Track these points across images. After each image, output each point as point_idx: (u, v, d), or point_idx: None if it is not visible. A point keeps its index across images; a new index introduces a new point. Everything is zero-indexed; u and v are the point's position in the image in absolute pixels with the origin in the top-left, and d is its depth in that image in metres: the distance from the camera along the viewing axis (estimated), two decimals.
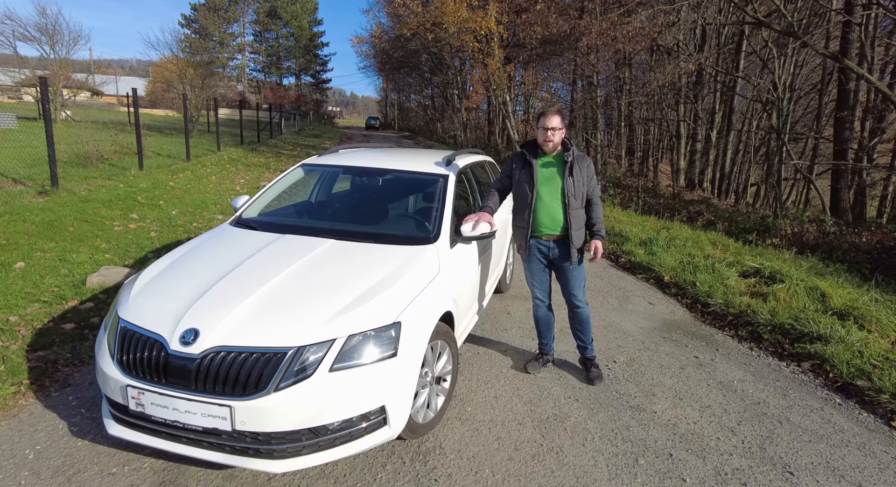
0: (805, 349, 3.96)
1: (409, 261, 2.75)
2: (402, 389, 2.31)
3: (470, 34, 15.05)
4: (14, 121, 19.27)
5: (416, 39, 20.79)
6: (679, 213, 12.39)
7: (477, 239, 3.24)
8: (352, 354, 2.19)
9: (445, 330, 2.77)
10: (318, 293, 2.38)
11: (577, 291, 3.47)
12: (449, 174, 3.55)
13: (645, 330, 4.45)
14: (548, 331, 3.63)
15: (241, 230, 3.15)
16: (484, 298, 4.00)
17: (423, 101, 41.84)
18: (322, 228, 3.16)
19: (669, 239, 7.17)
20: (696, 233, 8.62)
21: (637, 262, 6.33)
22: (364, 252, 2.84)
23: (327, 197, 3.97)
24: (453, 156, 3.92)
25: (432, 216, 3.22)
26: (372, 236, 3.05)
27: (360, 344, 2.21)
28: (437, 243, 3.00)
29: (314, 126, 38.80)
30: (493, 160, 5.38)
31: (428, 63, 29.36)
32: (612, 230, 8.03)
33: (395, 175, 3.70)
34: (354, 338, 2.21)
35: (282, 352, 2.09)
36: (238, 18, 53.61)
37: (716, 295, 5.03)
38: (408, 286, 2.54)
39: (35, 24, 22.09)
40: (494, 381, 3.37)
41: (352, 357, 2.18)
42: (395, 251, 2.87)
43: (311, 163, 3.88)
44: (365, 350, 2.22)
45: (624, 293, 5.43)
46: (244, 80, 54.89)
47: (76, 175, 9.47)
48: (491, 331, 4.21)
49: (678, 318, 4.78)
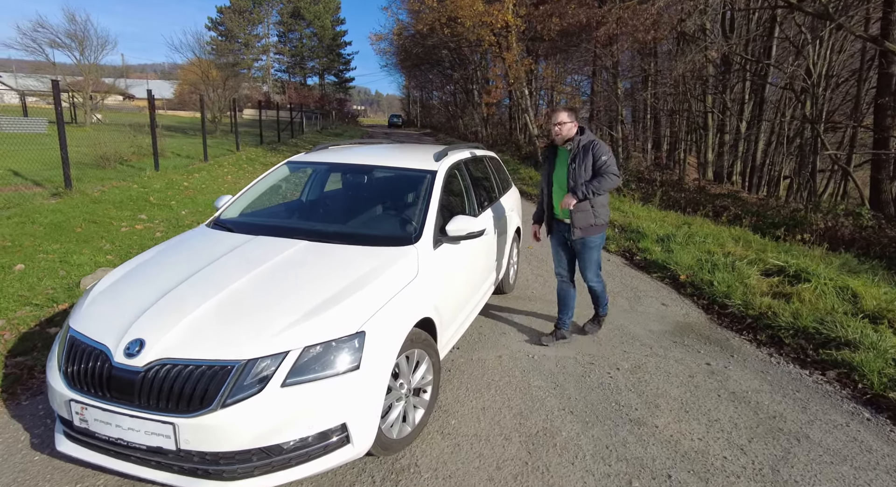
0: (831, 356, 3.63)
1: (383, 264, 2.57)
2: (366, 405, 2.13)
3: (486, 28, 14.77)
4: (44, 125, 19.90)
5: (433, 35, 20.57)
6: (704, 208, 11.90)
7: (464, 238, 3.04)
8: (308, 367, 2.01)
9: (424, 338, 2.57)
10: (277, 300, 2.22)
11: (587, 271, 3.83)
12: (437, 170, 3.35)
13: (655, 333, 4.17)
14: (565, 307, 3.93)
15: (215, 231, 3.02)
16: (479, 301, 3.79)
17: (444, 98, 41.63)
18: (298, 229, 3.00)
19: (689, 235, 6.80)
20: (719, 228, 8.20)
21: (652, 260, 6.00)
22: (337, 254, 2.67)
23: (310, 195, 3.82)
24: (445, 152, 3.72)
25: (415, 215, 3.03)
26: (349, 237, 2.88)
27: (317, 356, 2.04)
28: (417, 244, 2.81)
29: (336, 125, 38.99)
30: (494, 155, 5.15)
31: (448, 59, 29.11)
32: (628, 226, 7.69)
33: (380, 172, 3.52)
34: (312, 350, 2.03)
35: (229, 366, 1.93)
36: (262, 20, 54.30)
37: (734, 296, 4.69)
38: (378, 291, 2.35)
39: (65, 31, 22.61)
40: (485, 391, 3.16)
41: (308, 370, 2.01)
42: (371, 253, 2.69)
43: (296, 160, 3.73)
44: (323, 362, 2.04)
45: (636, 293, 5.13)
46: (269, 81, 55.63)
47: (93, 176, 9.61)
48: (488, 335, 4.00)
49: (692, 321, 4.47)
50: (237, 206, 3.39)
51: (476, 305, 3.72)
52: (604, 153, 3.52)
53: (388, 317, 2.29)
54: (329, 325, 2.10)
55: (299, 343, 2.02)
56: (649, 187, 14.15)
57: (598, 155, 3.52)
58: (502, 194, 4.70)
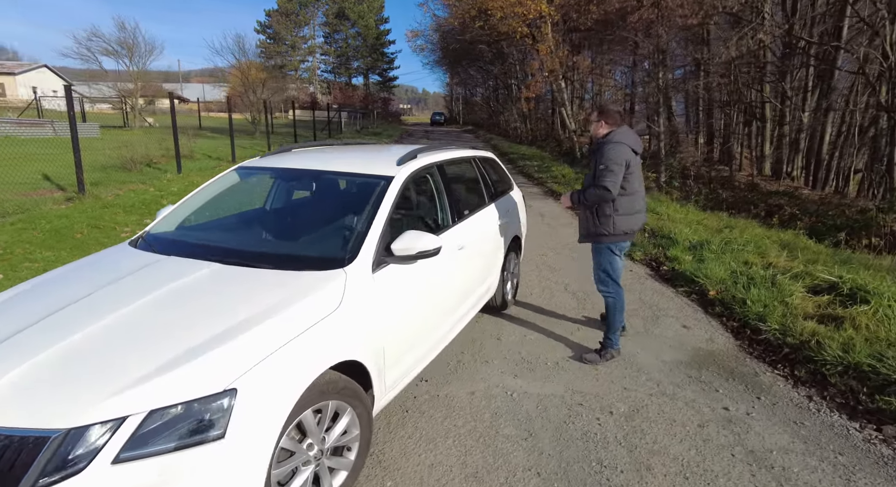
0: (891, 405, 2.89)
1: (294, 294, 2.11)
2: (236, 483, 1.69)
3: (518, 19, 14.07)
4: (97, 130, 20.85)
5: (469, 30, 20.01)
6: (755, 207, 10.83)
7: (415, 258, 2.54)
8: (153, 438, 1.58)
9: (343, 386, 2.10)
10: (138, 345, 1.81)
11: (593, 275, 3.68)
12: (394, 176, 2.86)
13: (667, 364, 3.52)
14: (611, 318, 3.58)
15: (129, 250, 2.66)
16: (455, 325, 3.28)
17: (485, 94, 40.95)
18: (216, 247, 2.60)
19: (726, 241, 5.99)
20: (767, 232, 7.29)
21: (680, 272, 5.27)
22: (245, 281, 2.24)
23: (261, 205, 3.40)
24: (414, 154, 3.23)
25: (353, 231, 2.55)
26: (269, 258, 2.44)
27: (168, 422, 1.60)
28: (349, 267, 2.33)
29: (377, 124, 39.06)
30: (490, 156, 4.60)
31: (486, 54, 28.44)
32: (659, 231, 6.92)
33: (329, 178, 3.06)
34: (160, 415, 1.60)
35: (44, 437, 1.53)
36: (308, 21, 55.31)
37: (770, 318, 3.95)
38: (271, 332, 1.90)
39: (117, 40, 23.59)
40: (441, 441, 2.65)
41: (152, 442, 1.58)
42: (286, 279, 2.24)
43: (247, 165, 3.34)
44: (175, 431, 1.60)
45: (654, 312, 4.46)
46: (315, 82, 56.66)
47: (116, 179, 9.73)
48: (468, 363, 3.48)
49: (716, 348, 3.78)
50: (175, 218, 3.02)
51: (449, 331, 3.21)
52: (605, 161, 3.28)
53: (280, 366, 1.84)
54: (188, 381, 1.67)
55: (143, 405, 1.60)
56: (695, 185, 13.09)
57: (599, 161, 3.33)
58: (495, 199, 4.16)
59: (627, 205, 3.35)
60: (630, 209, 3.37)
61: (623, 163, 3.26)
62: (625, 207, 3.35)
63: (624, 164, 3.27)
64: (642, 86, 15.12)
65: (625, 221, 3.37)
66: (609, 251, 3.50)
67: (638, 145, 3.43)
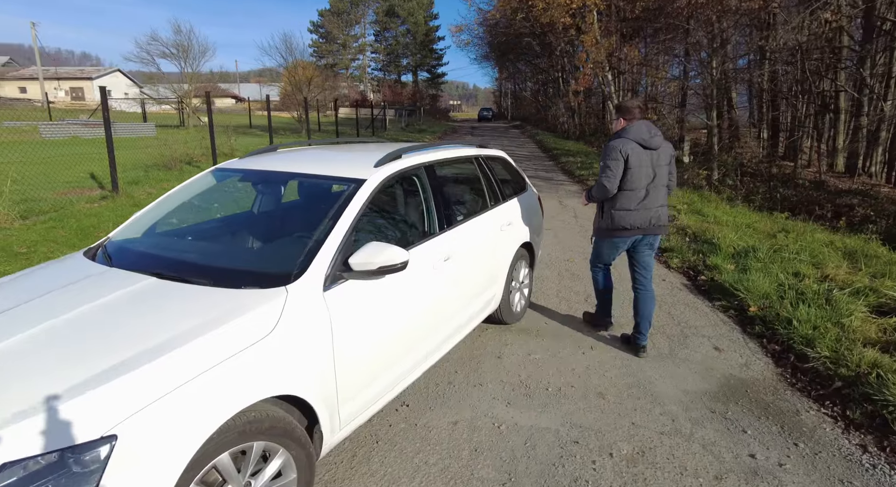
0: None
1: (220, 317, 1.85)
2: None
3: (561, 9, 13.43)
4: (153, 129, 21.88)
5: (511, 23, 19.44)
6: (821, 208, 9.81)
7: (377, 273, 2.23)
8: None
9: (270, 425, 1.81)
10: (5, 383, 1.59)
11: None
12: (366, 179, 2.56)
13: (690, 395, 3.05)
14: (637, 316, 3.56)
15: (78, 261, 2.49)
16: (441, 345, 2.95)
17: (534, 89, 40.04)
18: (161, 258, 2.39)
19: (776, 248, 5.32)
20: (832, 236, 6.50)
21: (719, 283, 4.69)
22: (173, 299, 2.00)
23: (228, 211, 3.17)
24: (398, 153, 2.91)
25: (306, 242, 2.27)
26: (211, 273, 2.19)
27: (24, 479, 1.36)
28: (293, 285, 2.05)
29: (423, 121, 38.97)
30: (499, 154, 4.22)
31: (533, 47, 27.68)
32: (701, 235, 6.28)
33: (300, 181, 2.79)
34: (15, 469, 1.37)
35: None
36: (359, 20, 56.02)
37: (821, 343, 3.38)
38: (176, 364, 1.64)
39: (173, 42, 24.64)
40: (405, 481, 2.34)
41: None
42: (220, 298, 1.99)
43: (223, 166, 3.13)
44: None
45: (683, 329, 3.95)
46: (365, 80, 57.40)
47: (154, 178, 9.97)
48: (459, 386, 3.14)
49: (751, 376, 3.26)
50: (139, 224, 2.83)
51: (435, 350, 2.89)
52: (603, 157, 3.37)
53: (179, 406, 1.57)
54: (56, 427, 1.43)
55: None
56: (752, 182, 12.06)
57: (602, 157, 3.39)
58: (501, 202, 3.79)
59: (626, 201, 3.32)
60: (628, 205, 3.33)
61: (620, 158, 3.25)
62: (623, 203, 3.33)
63: (621, 159, 3.25)
64: (698, 78, 14.11)
65: (623, 217, 3.35)
66: (601, 243, 3.60)
67: (651, 140, 3.31)
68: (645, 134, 3.28)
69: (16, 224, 6.15)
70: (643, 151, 3.28)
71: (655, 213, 3.37)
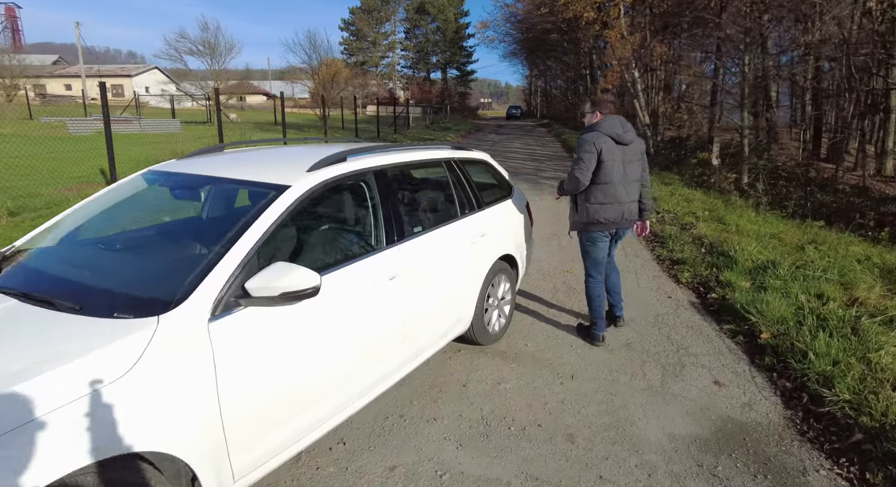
0: None
1: (64, 354, 1.54)
2: None
3: (584, 3, 12.83)
4: (179, 125, 22.22)
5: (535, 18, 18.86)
6: (863, 216, 9.01)
7: (282, 300, 1.89)
8: None
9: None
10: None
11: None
12: (290, 186, 2.22)
13: (676, 441, 2.61)
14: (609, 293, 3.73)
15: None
16: (382, 379, 2.58)
17: (563, 86, 39.17)
18: (37, 277, 2.10)
19: (800, 264, 4.75)
20: (870, 249, 5.86)
21: (730, 303, 4.18)
22: (23, 327, 1.71)
23: (153, 219, 2.85)
24: (345, 155, 2.57)
25: (195, 262, 1.93)
26: (82, 295, 1.88)
27: None
28: (169, 313, 1.72)
29: (448, 119, 38.54)
30: (480, 157, 3.83)
31: (562, 43, 26.96)
32: (718, 246, 5.72)
33: (222, 187, 2.47)
34: None
35: None
36: (389, 17, 55.98)
37: (840, 382, 2.87)
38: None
39: (200, 40, 24.96)
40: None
41: None
42: (78, 327, 1.68)
43: (156, 169, 2.82)
44: None
45: (682, 357, 3.48)
46: (395, 78, 57.37)
47: None
48: (410, 419, 2.77)
49: (753, 420, 2.78)
50: (45, 236, 2.51)
51: (381, 381, 2.54)
52: (578, 149, 3.34)
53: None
54: None
55: None
56: (786, 187, 11.24)
57: (575, 149, 3.40)
58: (476, 210, 3.40)
59: (599, 195, 3.33)
60: (602, 198, 3.33)
61: (593, 151, 3.25)
62: (597, 196, 3.34)
63: (595, 152, 3.25)
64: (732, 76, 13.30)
65: (597, 210, 3.36)
66: (585, 242, 3.53)
67: (624, 135, 3.33)
68: (618, 128, 3.32)
69: (2, 220, 6.08)
70: (616, 146, 3.31)
71: (628, 208, 3.44)
